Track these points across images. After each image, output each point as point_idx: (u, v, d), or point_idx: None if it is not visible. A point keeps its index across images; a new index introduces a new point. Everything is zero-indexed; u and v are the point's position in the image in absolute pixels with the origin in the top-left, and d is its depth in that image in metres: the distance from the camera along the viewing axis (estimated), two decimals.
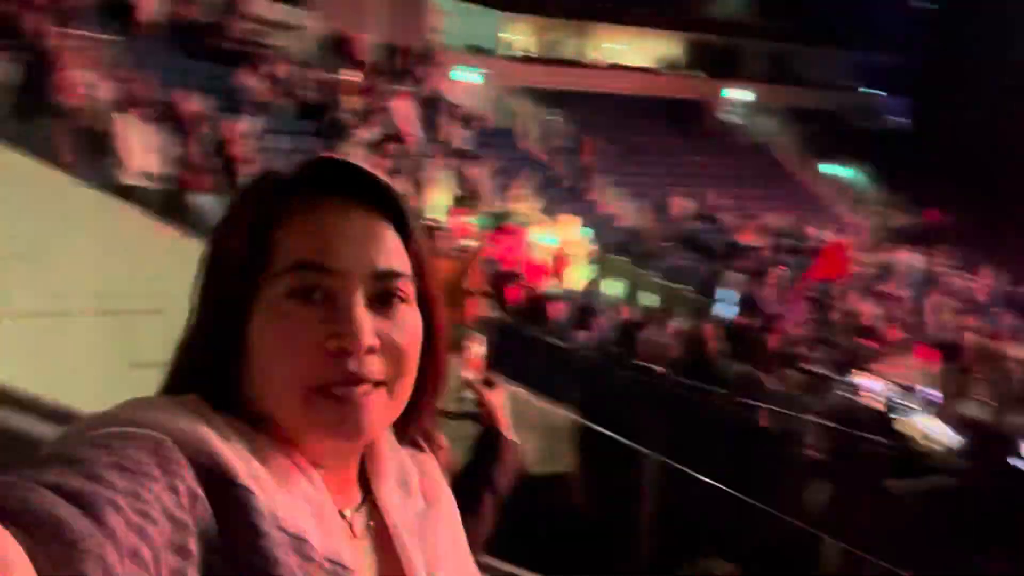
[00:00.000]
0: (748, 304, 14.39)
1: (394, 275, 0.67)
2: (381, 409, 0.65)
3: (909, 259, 18.26)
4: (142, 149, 6.70)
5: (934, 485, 6.48)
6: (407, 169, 12.70)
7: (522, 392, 5.73)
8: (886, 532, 6.28)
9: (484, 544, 1.25)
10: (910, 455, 8.23)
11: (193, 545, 0.52)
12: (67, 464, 0.50)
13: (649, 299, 11.82)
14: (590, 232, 13.97)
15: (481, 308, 6.13)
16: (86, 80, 7.66)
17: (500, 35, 25.94)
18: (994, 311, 16.99)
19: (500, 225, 11.78)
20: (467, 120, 17.12)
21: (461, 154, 15.54)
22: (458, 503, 1.23)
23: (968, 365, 12.71)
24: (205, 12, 14.69)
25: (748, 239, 16.91)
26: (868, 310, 13.89)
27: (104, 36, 11.52)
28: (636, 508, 4.33)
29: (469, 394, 1.43)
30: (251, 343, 0.63)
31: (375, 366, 0.64)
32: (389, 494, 0.70)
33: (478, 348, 1.46)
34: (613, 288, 12.86)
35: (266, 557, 0.55)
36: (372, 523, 0.69)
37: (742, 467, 6.86)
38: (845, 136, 25.19)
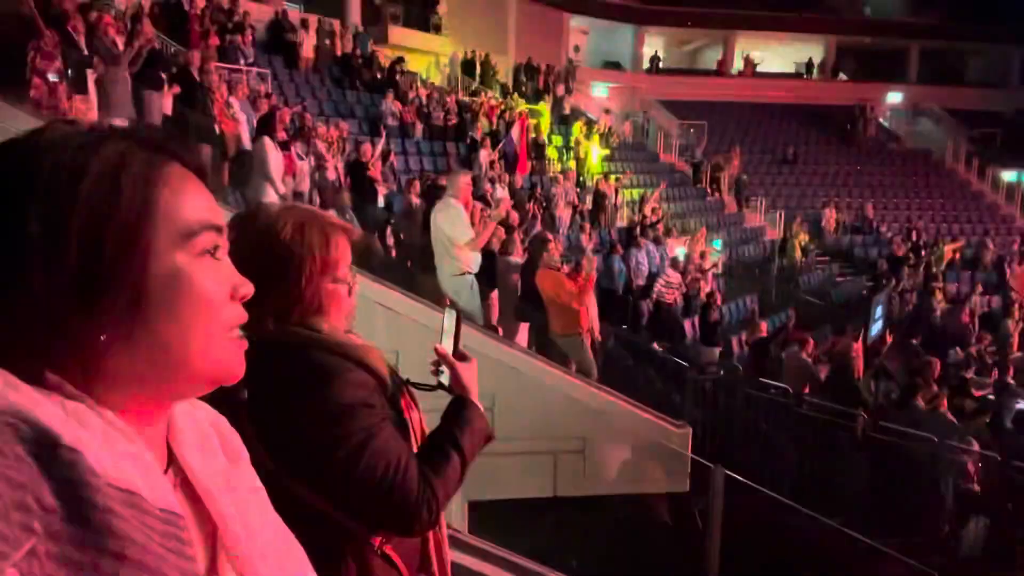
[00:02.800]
0: (910, 321, 13.23)
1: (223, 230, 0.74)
2: None
3: None
4: (284, 171, 7.24)
5: None
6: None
7: (630, 408, 5.57)
8: None
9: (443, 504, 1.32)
10: None
11: (32, 502, 0.53)
12: None
13: (786, 315, 11.15)
14: (719, 244, 13.44)
15: (592, 319, 6.05)
16: (241, 109, 8.41)
17: (639, 49, 25.74)
18: None
19: (631, 236, 11.59)
20: (602, 135, 17.07)
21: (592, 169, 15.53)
22: (424, 458, 1.32)
23: None
24: (353, 45, 15.71)
25: (901, 252, 15.58)
26: None
27: (266, 70, 12.69)
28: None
29: (443, 367, 1.49)
30: (145, 305, 0.64)
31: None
32: (191, 452, 0.72)
33: (451, 321, 1.52)
34: (748, 302, 12.27)
35: (102, 510, 0.56)
36: (179, 480, 0.70)
37: (883, 499, 6.27)
38: (1020, 139, 22.68)
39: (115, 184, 0.64)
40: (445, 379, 1.50)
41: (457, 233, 5.48)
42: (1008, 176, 21.76)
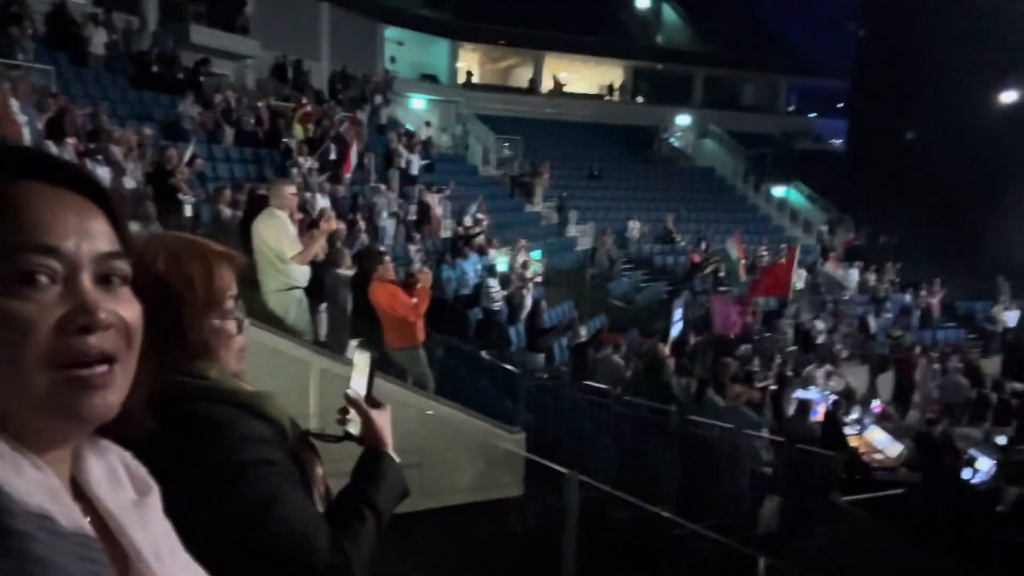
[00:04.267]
0: (698, 323, 14.59)
1: (115, 255, 0.68)
2: (118, 388, 0.66)
3: (854, 275, 18.74)
4: None
5: (883, 496, 6.58)
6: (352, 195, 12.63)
7: (467, 417, 5.65)
8: (837, 546, 6.33)
9: (368, 565, 1.19)
10: (861, 468, 8.36)
11: None
12: None
13: (602, 321, 11.86)
14: (539, 254, 14.02)
15: (419, 331, 6.06)
16: (22, 111, 7.44)
17: (455, 64, 26.18)
18: (939, 325, 17.56)
19: (456, 247, 11.73)
20: (422, 146, 17.14)
21: (415, 179, 15.54)
22: (335, 521, 1.18)
23: (912, 378, 13.06)
24: (151, 43, 14.52)
25: (697, 259, 17.17)
26: (816, 326, 14.15)
27: (49, 67, 11.33)
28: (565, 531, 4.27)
29: (353, 413, 1.32)
30: None
31: (112, 342, 0.65)
32: (98, 484, 0.70)
33: (363, 363, 1.36)
34: (566, 309, 12.89)
35: (19, 535, 0.55)
36: (88, 514, 0.68)
37: (693, 485, 6.86)
38: (788, 158, 25.97)
39: None
40: (354, 428, 1.32)
41: (284, 246, 5.25)
42: (777, 191, 24.75)
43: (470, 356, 8.08)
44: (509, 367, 7.61)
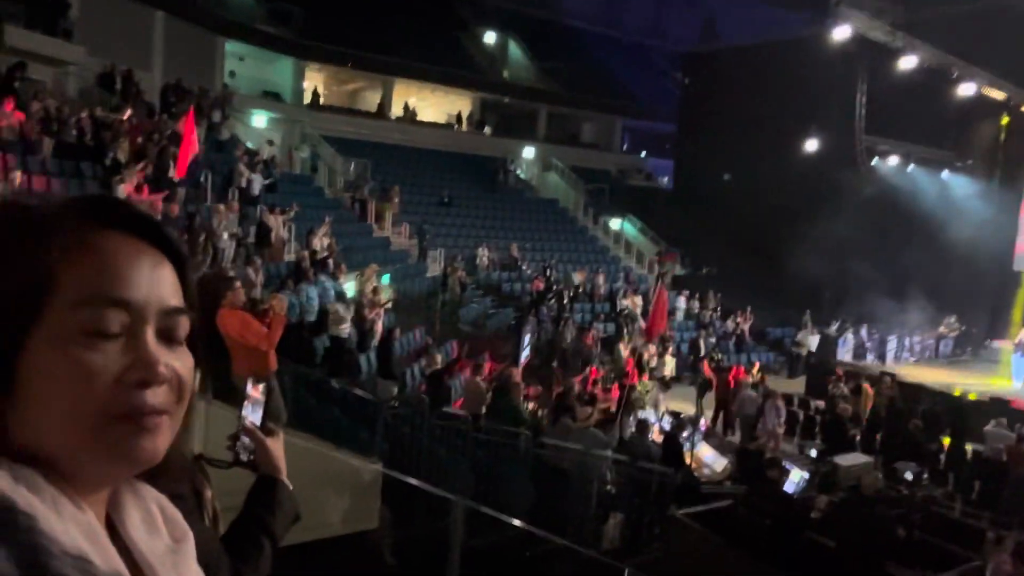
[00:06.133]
0: (545, 349, 15.12)
1: (179, 312, 0.69)
2: (167, 435, 0.68)
3: (682, 303, 20.24)
4: None
5: (713, 508, 7.15)
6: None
7: (323, 447, 5.53)
8: (674, 557, 6.79)
9: None
10: (694, 483, 9.02)
11: None
12: None
13: (452, 347, 11.96)
14: (387, 279, 13.95)
15: (274, 360, 5.85)
16: None
17: (299, 83, 25.50)
18: (752, 348, 19.34)
19: (298, 273, 11.38)
20: (264, 165, 16.50)
21: (256, 200, 14.93)
22: (235, 550, 1.20)
23: (727, 396, 14.23)
24: None
25: (541, 287, 17.80)
26: (649, 349, 15.07)
27: None
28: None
29: (246, 441, 1.34)
30: (27, 378, 0.62)
31: (165, 396, 0.67)
32: (135, 529, 0.71)
33: (257, 392, 1.38)
34: (417, 335, 12.88)
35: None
36: (122, 557, 0.69)
37: (546, 505, 7.10)
38: (622, 193, 27.70)
39: (8, 256, 0.63)
40: (244, 455, 1.34)
41: None
42: (614, 224, 26.27)
43: (320, 385, 7.88)
44: (362, 394, 7.51)
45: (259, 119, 23.40)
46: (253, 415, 1.36)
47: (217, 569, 1.04)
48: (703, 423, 12.66)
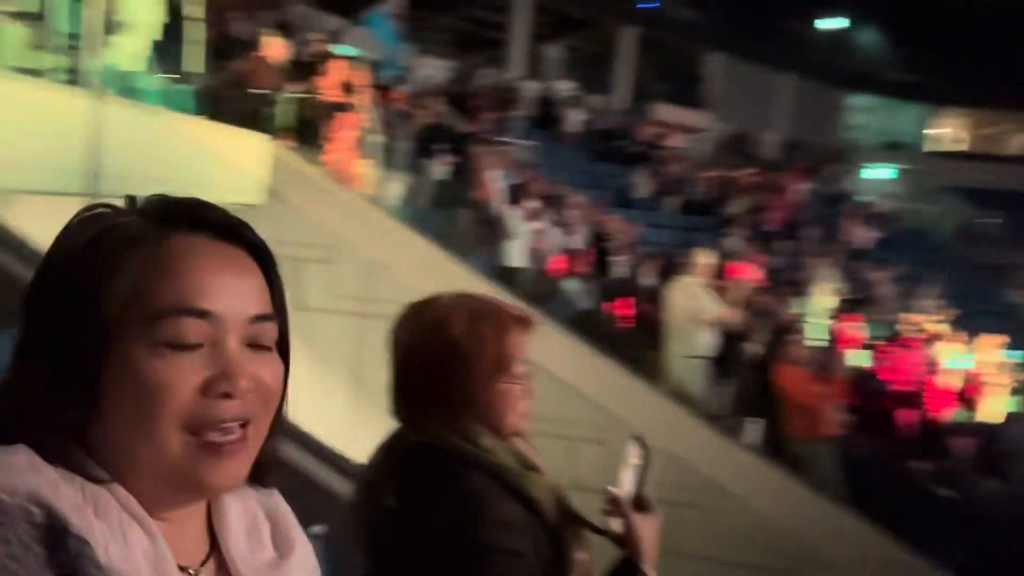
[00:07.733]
0: None
1: (265, 319, 0.66)
2: (249, 454, 0.65)
3: None
4: (529, 238, 7.55)
5: None
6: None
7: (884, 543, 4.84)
8: None
9: None
10: None
11: None
12: None
13: None
14: (1019, 355, 11.40)
15: (830, 424, 5.35)
16: (497, 178, 8.99)
17: (926, 130, 23.37)
18: None
19: (896, 336, 10.31)
20: (874, 219, 15.62)
21: (860, 255, 14.18)
22: None
23: None
24: (616, 120, 16.16)
25: None
26: None
27: (530, 143, 13.46)
28: None
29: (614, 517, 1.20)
30: (108, 392, 0.61)
31: (249, 406, 0.64)
32: (236, 545, 0.68)
33: (637, 459, 1.21)
34: None
35: None
36: (219, 570, 0.67)
37: None
38: None
39: (91, 262, 0.63)
40: (616, 525, 1.21)
41: (694, 312, 5.24)
42: None
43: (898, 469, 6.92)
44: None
45: (878, 171, 22.32)
46: (625, 482, 1.22)
47: None
48: None
